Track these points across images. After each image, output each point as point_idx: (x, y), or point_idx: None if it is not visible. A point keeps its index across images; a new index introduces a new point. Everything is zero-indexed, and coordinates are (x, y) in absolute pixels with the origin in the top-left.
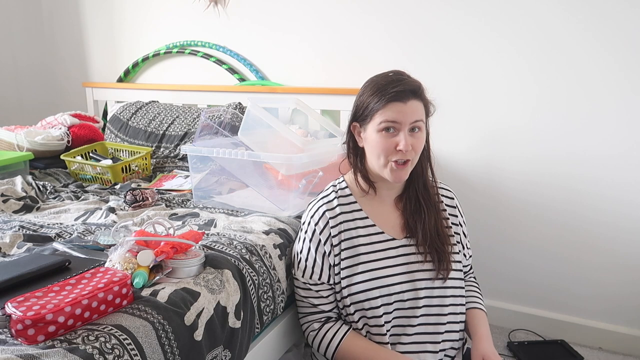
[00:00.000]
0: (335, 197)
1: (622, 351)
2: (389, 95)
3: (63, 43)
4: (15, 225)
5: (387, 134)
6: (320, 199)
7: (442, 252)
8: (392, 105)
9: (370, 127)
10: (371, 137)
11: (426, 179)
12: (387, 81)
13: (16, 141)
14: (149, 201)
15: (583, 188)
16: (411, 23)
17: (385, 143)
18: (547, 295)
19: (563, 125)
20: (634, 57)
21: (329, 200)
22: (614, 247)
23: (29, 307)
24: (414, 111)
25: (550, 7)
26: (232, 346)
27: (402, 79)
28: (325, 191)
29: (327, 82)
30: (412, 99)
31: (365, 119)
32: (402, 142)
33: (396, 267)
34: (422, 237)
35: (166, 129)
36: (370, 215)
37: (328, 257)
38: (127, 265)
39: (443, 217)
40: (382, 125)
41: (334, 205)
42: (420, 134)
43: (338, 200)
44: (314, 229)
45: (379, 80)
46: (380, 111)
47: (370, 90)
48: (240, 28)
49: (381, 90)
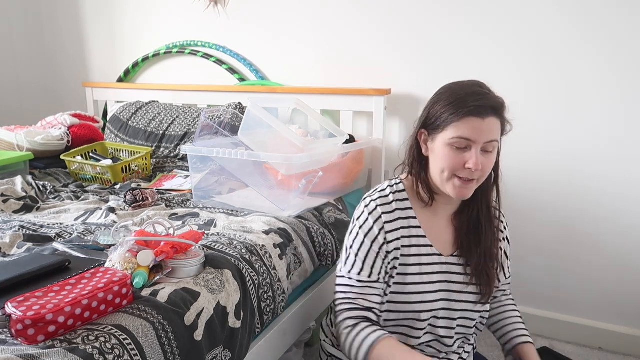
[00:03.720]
0: (393, 199)
1: (622, 351)
2: (468, 108)
3: (63, 43)
4: (15, 225)
5: (457, 150)
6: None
7: (491, 276)
8: (469, 120)
9: (439, 139)
10: (439, 149)
11: (490, 200)
12: (467, 92)
13: (16, 141)
14: (149, 201)
15: (582, 186)
16: (406, 26)
17: (453, 158)
18: (546, 295)
19: (558, 122)
20: (628, 55)
21: (387, 202)
22: (614, 246)
23: (29, 307)
24: (490, 130)
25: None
26: (232, 346)
27: (484, 93)
28: (382, 190)
29: (327, 82)
30: (491, 116)
31: (436, 128)
32: (472, 161)
33: (436, 283)
34: (477, 259)
35: (166, 129)
36: (422, 226)
37: (384, 258)
38: (127, 265)
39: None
40: (453, 140)
41: (393, 208)
42: (492, 155)
43: (396, 204)
44: (371, 225)
45: (458, 90)
46: (455, 124)
47: (446, 100)
48: (240, 28)
49: (459, 101)
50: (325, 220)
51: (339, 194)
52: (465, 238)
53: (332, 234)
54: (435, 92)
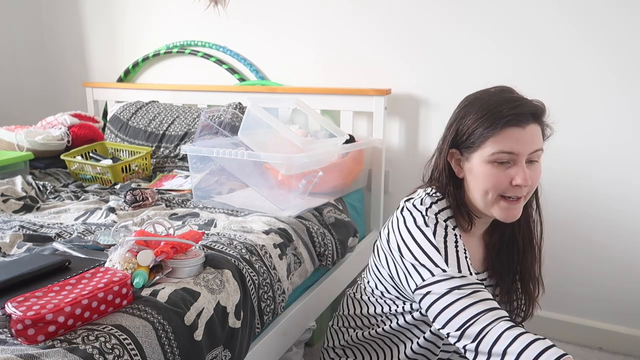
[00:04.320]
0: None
1: (622, 351)
2: (506, 118)
3: (63, 43)
4: (15, 225)
5: (500, 166)
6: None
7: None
8: (509, 132)
9: (476, 157)
10: (478, 169)
11: (529, 215)
12: (499, 101)
13: (16, 141)
14: (149, 201)
15: (581, 186)
16: (406, 26)
17: (498, 177)
18: (546, 295)
19: (559, 122)
20: (628, 55)
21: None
22: (614, 245)
23: (29, 307)
24: (534, 139)
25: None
26: (232, 346)
27: (519, 99)
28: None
29: (327, 82)
30: (531, 123)
31: (470, 147)
32: (520, 176)
33: None
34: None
35: (166, 129)
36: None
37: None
38: (127, 265)
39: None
40: (494, 156)
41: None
42: (538, 165)
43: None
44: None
45: (488, 99)
46: (493, 139)
47: (477, 112)
48: (240, 28)
49: (493, 112)
50: (325, 220)
51: (339, 194)
52: (496, 259)
53: (332, 234)
54: (459, 105)
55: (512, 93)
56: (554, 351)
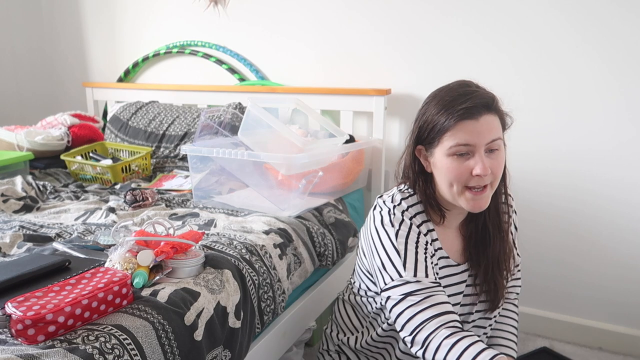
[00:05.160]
0: (410, 215)
1: (622, 351)
2: (459, 112)
3: (63, 43)
4: (15, 225)
5: (459, 158)
6: (400, 205)
7: (499, 284)
8: (463, 125)
9: (438, 152)
10: (441, 162)
11: (498, 203)
12: (453, 95)
13: (16, 141)
14: (149, 201)
15: (582, 185)
16: (406, 27)
17: (458, 169)
18: (547, 295)
19: (559, 122)
20: (628, 55)
21: (406, 209)
22: (614, 245)
23: (29, 307)
24: (489, 129)
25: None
26: (232, 346)
27: (470, 92)
28: (400, 200)
29: (327, 82)
30: (485, 114)
31: (431, 142)
32: (479, 166)
33: (458, 295)
34: (484, 268)
35: (166, 129)
36: (439, 238)
37: (430, 257)
38: (127, 265)
39: (509, 242)
40: (452, 149)
41: (417, 222)
42: (499, 154)
43: (420, 217)
44: (409, 223)
45: (443, 95)
46: (450, 133)
47: (434, 108)
48: (241, 28)
49: (447, 107)
50: (325, 220)
51: (339, 194)
52: (473, 248)
53: (332, 234)
54: (423, 101)
55: (469, 87)
56: (488, 353)
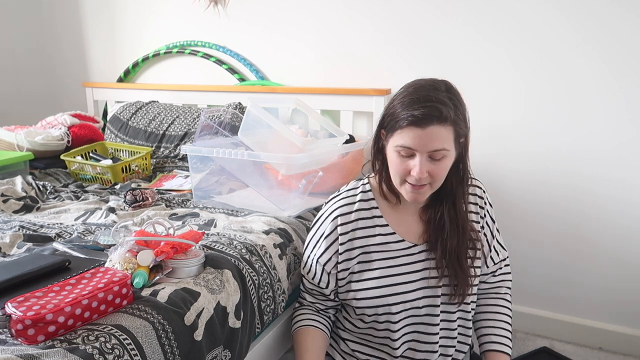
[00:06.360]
0: (355, 200)
1: (622, 351)
2: (409, 119)
3: (63, 43)
4: (15, 225)
5: (401, 157)
6: (339, 199)
7: (463, 271)
8: (410, 130)
9: (390, 142)
10: (389, 153)
11: (456, 200)
12: (416, 96)
13: (16, 141)
14: (149, 201)
15: (582, 185)
16: (406, 27)
17: (400, 165)
18: (546, 295)
19: (562, 122)
20: (628, 55)
21: (347, 203)
22: (614, 245)
23: (29, 307)
24: (433, 139)
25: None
26: (232, 346)
27: (431, 98)
28: (345, 192)
29: (327, 82)
30: (433, 125)
31: (389, 131)
32: (416, 169)
33: (414, 273)
34: (441, 254)
35: (166, 129)
36: (390, 223)
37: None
38: (127, 265)
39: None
40: (397, 148)
41: (353, 209)
42: (443, 162)
43: (359, 204)
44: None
45: (411, 91)
46: (399, 132)
47: (399, 101)
48: (241, 28)
49: (406, 106)
50: None
51: None
52: (432, 233)
53: None
54: (401, 87)
55: (436, 90)
56: None
